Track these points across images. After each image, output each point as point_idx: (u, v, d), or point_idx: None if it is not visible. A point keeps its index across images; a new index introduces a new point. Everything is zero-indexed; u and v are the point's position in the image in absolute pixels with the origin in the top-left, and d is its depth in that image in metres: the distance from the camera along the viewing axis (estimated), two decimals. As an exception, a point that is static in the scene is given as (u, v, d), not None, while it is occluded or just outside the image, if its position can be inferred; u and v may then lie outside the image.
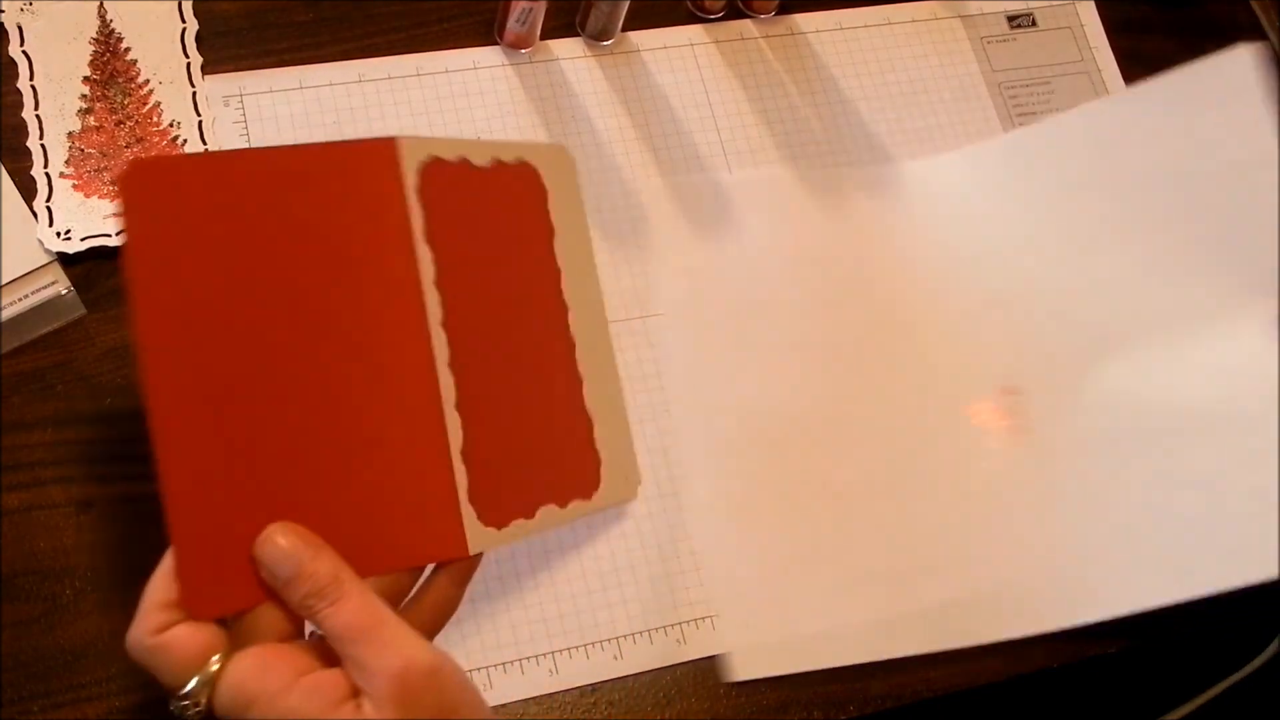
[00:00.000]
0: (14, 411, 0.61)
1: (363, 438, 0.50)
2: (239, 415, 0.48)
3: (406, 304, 0.52)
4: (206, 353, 0.48)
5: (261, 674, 0.46)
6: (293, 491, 0.49)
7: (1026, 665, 0.65)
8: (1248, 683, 0.68)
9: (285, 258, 0.50)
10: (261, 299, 0.49)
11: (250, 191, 0.50)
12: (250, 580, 0.47)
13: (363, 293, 0.51)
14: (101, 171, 0.66)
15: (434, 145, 0.55)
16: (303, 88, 0.70)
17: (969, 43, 0.80)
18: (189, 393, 0.47)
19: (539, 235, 0.59)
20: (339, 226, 0.51)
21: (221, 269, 0.49)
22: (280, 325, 0.50)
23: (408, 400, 0.51)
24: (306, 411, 0.50)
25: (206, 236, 0.48)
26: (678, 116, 0.74)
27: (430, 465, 0.52)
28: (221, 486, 0.47)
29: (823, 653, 0.63)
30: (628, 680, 0.62)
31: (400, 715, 0.45)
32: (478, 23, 0.74)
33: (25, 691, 0.57)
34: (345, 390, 0.50)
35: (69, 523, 0.60)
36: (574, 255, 0.60)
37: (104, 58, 0.68)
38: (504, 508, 0.54)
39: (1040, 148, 0.71)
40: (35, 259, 0.63)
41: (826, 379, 0.68)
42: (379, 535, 0.50)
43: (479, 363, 0.53)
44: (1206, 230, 0.64)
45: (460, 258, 0.54)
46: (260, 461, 0.48)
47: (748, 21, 0.77)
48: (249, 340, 0.49)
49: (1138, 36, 0.82)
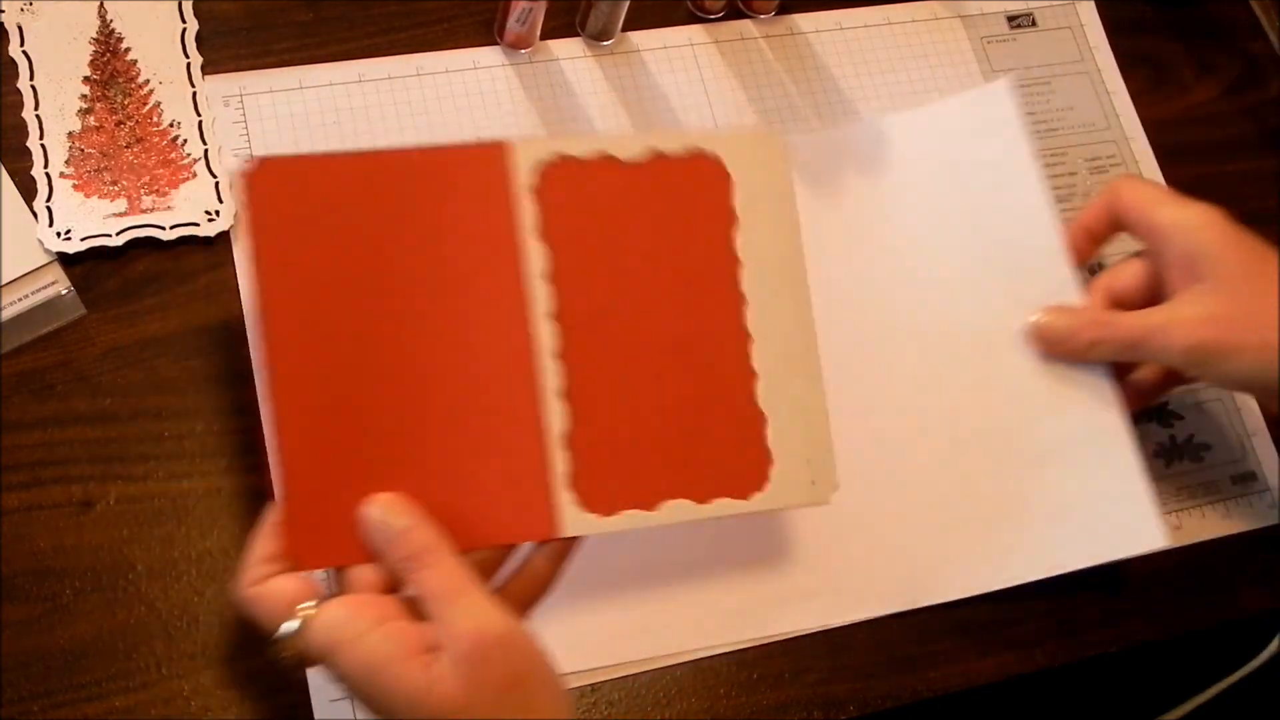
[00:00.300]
0: (14, 411, 0.61)
1: (459, 420, 0.54)
2: (347, 391, 0.53)
3: (507, 297, 0.56)
4: (320, 334, 0.53)
5: (349, 618, 0.50)
6: (393, 465, 0.53)
7: (1026, 665, 0.66)
8: (1248, 683, 0.68)
9: (392, 251, 0.55)
10: (371, 287, 0.54)
11: (361, 189, 0.55)
12: (352, 539, 0.52)
13: (463, 285, 0.55)
14: (101, 171, 0.66)
15: (562, 143, 0.58)
16: (303, 88, 0.70)
17: (969, 43, 0.80)
18: (304, 370, 0.53)
19: (713, 226, 0.59)
20: (443, 224, 0.55)
21: (333, 260, 0.54)
22: (387, 312, 0.54)
23: (503, 387, 0.55)
24: (408, 392, 0.54)
25: (320, 228, 0.54)
26: (678, 116, 0.74)
27: (523, 450, 0.55)
28: (330, 454, 0.53)
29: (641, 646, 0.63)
30: (628, 680, 0.62)
31: (470, 673, 0.48)
32: (478, 23, 0.74)
33: (25, 691, 0.57)
34: (445, 375, 0.55)
35: (69, 523, 0.60)
36: (766, 246, 0.59)
37: (104, 58, 0.68)
38: (614, 496, 0.56)
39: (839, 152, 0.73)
40: (35, 259, 0.63)
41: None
42: (471, 512, 0.54)
43: (597, 354, 0.56)
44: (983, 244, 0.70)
45: (585, 251, 0.57)
46: (366, 434, 0.53)
47: (748, 21, 0.77)
48: (359, 324, 0.54)
49: (1138, 36, 0.83)
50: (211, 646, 0.59)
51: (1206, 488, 0.71)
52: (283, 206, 0.54)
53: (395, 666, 0.49)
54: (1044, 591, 0.66)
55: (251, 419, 0.63)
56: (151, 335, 0.64)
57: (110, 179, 0.65)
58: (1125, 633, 0.67)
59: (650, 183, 0.59)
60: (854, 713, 0.63)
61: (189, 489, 0.61)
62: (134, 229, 0.65)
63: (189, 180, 0.66)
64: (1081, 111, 0.79)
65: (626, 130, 0.72)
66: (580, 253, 0.57)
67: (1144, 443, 0.71)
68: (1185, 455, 0.72)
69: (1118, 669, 0.68)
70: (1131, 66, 0.81)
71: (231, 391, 0.63)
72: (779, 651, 0.64)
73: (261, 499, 0.61)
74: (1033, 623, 0.66)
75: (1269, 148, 0.81)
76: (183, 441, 0.62)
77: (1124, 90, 0.80)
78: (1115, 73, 0.81)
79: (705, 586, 0.64)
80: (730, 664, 0.63)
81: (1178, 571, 0.69)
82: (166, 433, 0.62)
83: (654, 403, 0.57)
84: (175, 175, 0.66)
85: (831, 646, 0.64)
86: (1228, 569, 0.70)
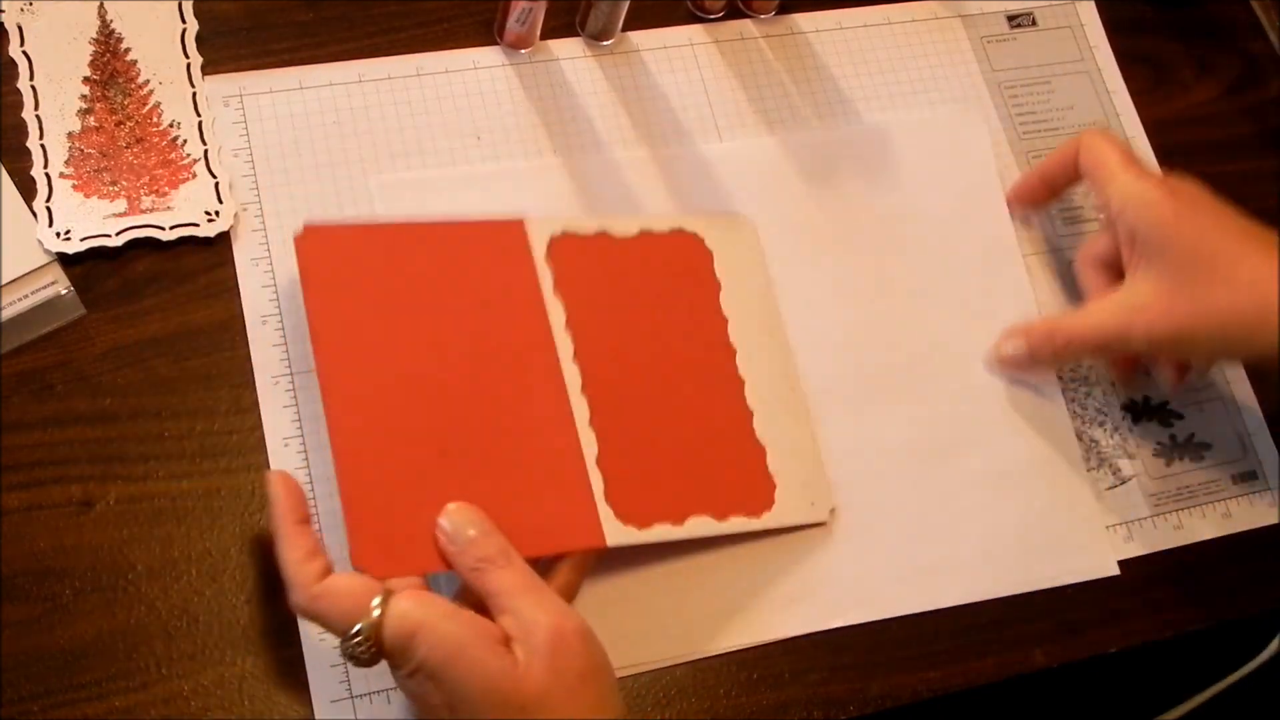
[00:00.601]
0: (14, 411, 0.61)
1: (508, 446, 0.61)
2: (402, 426, 0.59)
3: (540, 342, 0.64)
4: (376, 378, 0.60)
5: (425, 603, 0.52)
6: (453, 483, 0.59)
7: (1026, 665, 0.66)
8: (1248, 683, 0.68)
9: (435, 304, 0.62)
10: (418, 333, 0.61)
11: (402, 251, 0.63)
12: (419, 550, 0.57)
13: (504, 335, 0.63)
14: (101, 172, 0.66)
15: (566, 222, 0.67)
16: (303, 88, 0.70)
17: (969, 43, 0.80)
18: (360, 410, 0.59)
19: (700, 290, 0.68)
20: (480, 284, 0.64)
21: (382, 310, 0.61)
22: (435, 353, 0.61)
23: (546, 420, 0.62)
24: (460, 427, 0.60)
25: (368, 284, 0.62)
26: (677, 116, 0.74)
27: (569, 470, 0.62)
28: (391, 474, 0.58)
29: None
30: (627, 680, 0.62)
31: (551, 662, 0.51)
32: (478, 23, 0.74)
33: (25, 691, 0.57)
34: (493, 410, 0.61)
35: (69, 523, 0.60)
36: (747, 306, 0.69)
37: (104, 58, 0.68)
38: (645, 511, 0.62)
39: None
40: (35, 259, 0.63)
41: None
42: (526, 525, 0.58)
43: (613, 391, 0.64)
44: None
45: (594, 308, 0.65)
46: (424, 457, 0.59)
47: (748, 21, 0.77)
48: (409, 364, 0.61)
49: (1138, 36, 0.83)
50: (211, 646, 0.59)
51: (1206, 487, 0.71)
52: (332, 265, 0.61)
53: (475, 649, 0.50)
54: (1044, 591, 0.66)
55: (252, 419, 0.63)
56: (151, 335, 0.64)
57: (110, 179, 0.65)
58: (1125, 633, 0.67)
59: (643, 254, 0.68)
60: (854, 713, 0.63)
61: (189, 489, 0.61)
62: (134, 229, 0.65)
63: (189, 180, 0.66)
64: (1081, 111, 0.79)
65: (626, 130, 0.73)
66: (587, 309, 0.65)
67: (1144, 442, 0.71)
68: (1185, 455, 0.72)
69: (1118, 669, 0.68)
70: (1131, 66, 0.81)
71: (231, 391, 0.63)
72: (779, 651, 0.64)
73: (261, 499, 0.62)
74: (1033, 623, 0.66)
75: (1269, 148, 0.81)
76: (183, 441, 0.62)
77: (1124, 90, 0.80)
78: (1115, 73, 0.81)
79: (707, 589, 0.64)
80: (730, 664, 0.63)
81: (1178, 571, 0.69)
82: (166, 433, 0.62)
83: (669, 433, 0.64)
84: (175, 175, 0.66)
85: (831, 646, 0.64)
86: (1228, 569, 0.70)
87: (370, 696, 0.59)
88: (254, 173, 0.68)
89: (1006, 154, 0.77)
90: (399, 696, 0.59)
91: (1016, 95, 0.79)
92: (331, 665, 0.59)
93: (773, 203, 0.72)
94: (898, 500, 0.67)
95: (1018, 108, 0.78)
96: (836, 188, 0.73)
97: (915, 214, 0.73)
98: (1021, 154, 0.77)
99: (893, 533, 0.66)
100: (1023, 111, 0.78)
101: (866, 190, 0.74)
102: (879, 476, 0.68)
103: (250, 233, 0.66)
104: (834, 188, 0.73)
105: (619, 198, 0.71)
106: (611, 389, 0.64)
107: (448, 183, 0.69)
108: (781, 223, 0.72)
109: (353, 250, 0.63)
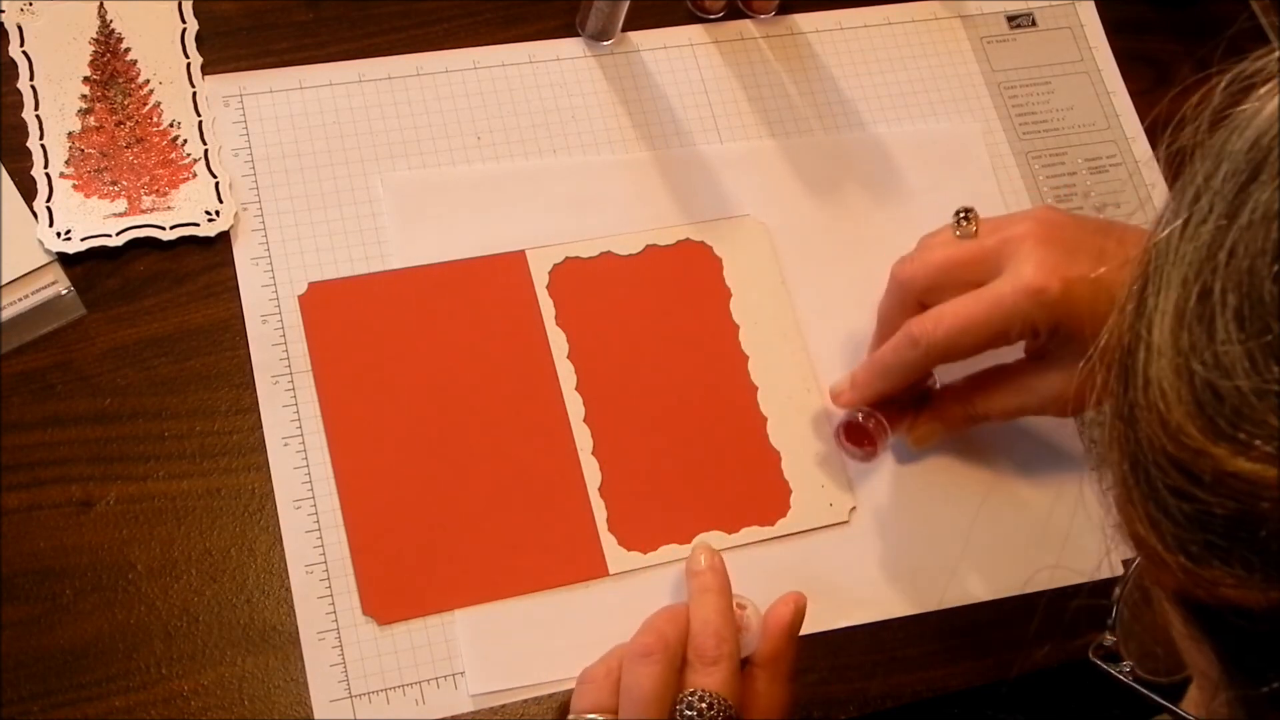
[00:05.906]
0: (14, 411, 0.61)
1: (512, 485, 0.63)
2: (407, 472, 0.62)
3: (542, 375, 0.65)
4: (381, 427, 0.62)
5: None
6: (455, 529, 0.61)
7: (1026, 665, 0.65)
8: (1248, 683, 0.68)
9: (439, 343, 0.64)
10: (423, 373, 0.64)
11: (403, 297, 0.65)
12: (426, 594, 0.60)
13: (506, 370, 0.65)
14: (101, 172, 0.66)
15: (569, 248, 0.68)
16: (303, 88, 0.70)
17: (969, 43, 0.80)
18: (367, 460, 0.62)
19: (711, 299, 0.69)
20: (483, 322, 0.66)
21: (388, 355, 0.64)
22: (441, 392, 0.64)
23: (548, 453, 0.64)
24: (464, 468, 0.62)
25: (372, 330, 0.64)
26: (677, 116, 0.74)
27: (573, 502, 0.63)
28: (396, 527, 0.61)
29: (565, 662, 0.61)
30: (627, 680, 0.62)
31: None
32: (477, 23, 0.74)
33: (25, 691, 0.57)
34: (496, 450, 0.63)
35: (69, 523, 0.60)
36: (760, 310, 0.69)
37: (104, 58, 0.68)
38: (650, 534, 0.63)
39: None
40: (35, 259, 0.63)
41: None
42: (531, 559, 0.61)
43: (616, 417, 0.65)
44: None
45: (597, 334, 0.66)
46: (428, 509, 0.61)
47: (748, 21, 0.77)
48: (415, 414, 0.63)
49: (1138, 36, 0.82)
50: (211, 646, 0.59)
51: (1206, 488, 0.71)
52: (336, 320, 0.64)
53: None
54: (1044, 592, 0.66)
55: (252, 419, 0.63)
56: (151, 335, 0.64)
57: (110, 179, 0.65)
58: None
59: (649, 271, 0.68)
60: (854, 713, 0.63)
61: (189, 489, 0.62)
62: (134, 229, 0.65)
63: (189, 180, 0.66)
64: (1081, 111, 0.79)
65: (626, 130, 0.73)
66: (590, 336, 0.66)
67: (1144, 443, 0.71)
68: (1185, 455, 0.72)
69: (1117, 669, 0.68)
70: (1131, 66, 0.81)
71: (231, 391, 0.63)
72: (779, 651, 0.63)
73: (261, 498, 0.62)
74: (1033, 623, 0.66)
75: (1269, 148, 0.81)
76: (183, 441, 0.62)
77: (1124, 90, 0.80)
78: (1115, 73, 0.81)
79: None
80: (730, 664, 0.63)
81: (1177, 571, 0.69)
82: (166, 433, 0.62)
83: (676, 453, 0.65)
84: (175, 175, 0.66)
85: (831, 646, 0.64)
86: (1228, 569, 0.69)
87: (370, 696, 0.59)
88: (254, 173, 0.68)
89: (1007, 154, 0.77)
90: (398, 696, 0.59)
91: (1016, 96, 0.79)
92: (331, 665, 0.59)
93: (775, 205, 0.72)
94: (900, 501, 0.67)
95: (1017, 108, 0.78)
96: (838, 194, 0.73)
97: (915, 225, 0.73)
98: (1021, 154, 0.77)
99: (894, 534, 0.66)
100: (1022, 112, 0.78)
101: (868, 198, 0.73)
102: (883, 478, 0.68)
103: (250, 233, 0.66)
104: (836, 194, 0.73)
105: (619, 198, 0.71)
106: (615, 415, 0.65)
107: (451, 182, 0.69)
108: (783, 225, 0.72)
109: (355, 302, 0.65)
